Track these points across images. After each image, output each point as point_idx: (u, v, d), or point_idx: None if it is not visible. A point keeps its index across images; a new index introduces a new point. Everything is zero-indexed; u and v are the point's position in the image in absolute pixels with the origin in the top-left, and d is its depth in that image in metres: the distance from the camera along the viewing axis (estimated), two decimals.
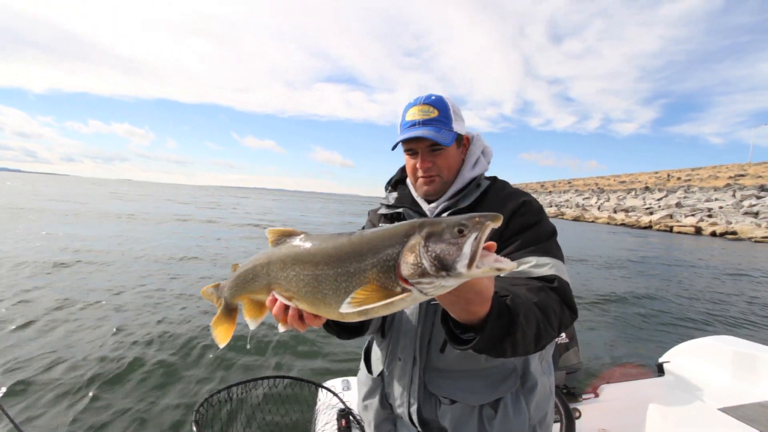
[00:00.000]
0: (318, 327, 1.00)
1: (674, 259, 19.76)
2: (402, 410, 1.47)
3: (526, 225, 1.31)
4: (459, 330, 0.98)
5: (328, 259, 0.88)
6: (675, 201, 60.03)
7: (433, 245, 0.78)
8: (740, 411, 2.53)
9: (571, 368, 2.68)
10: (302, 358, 5.46)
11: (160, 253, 12.18)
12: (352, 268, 0.85)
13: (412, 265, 0.78)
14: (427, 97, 1.43)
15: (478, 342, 0.93)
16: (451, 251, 0.76)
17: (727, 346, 3.00)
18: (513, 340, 0.97)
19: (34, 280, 8.30)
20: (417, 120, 1.40)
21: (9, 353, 4.97)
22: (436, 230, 0.80)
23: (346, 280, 0.85)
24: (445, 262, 0.76)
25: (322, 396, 2.51)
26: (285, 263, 0.96)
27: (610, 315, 8.57)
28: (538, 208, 1.37)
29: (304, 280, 0.91)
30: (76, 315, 6.48)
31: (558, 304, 1.12)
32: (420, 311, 1.42)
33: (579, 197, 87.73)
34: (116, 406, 3.97)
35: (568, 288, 1.20)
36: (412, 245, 0.80)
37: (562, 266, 1.26)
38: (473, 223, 0.78)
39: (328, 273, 0.87)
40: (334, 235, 0.94)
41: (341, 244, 0.89)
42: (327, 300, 0.88)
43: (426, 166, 1.44)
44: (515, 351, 1.00)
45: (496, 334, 0.94)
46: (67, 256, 10.75)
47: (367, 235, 0.88)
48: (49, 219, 19.19)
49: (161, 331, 5.97)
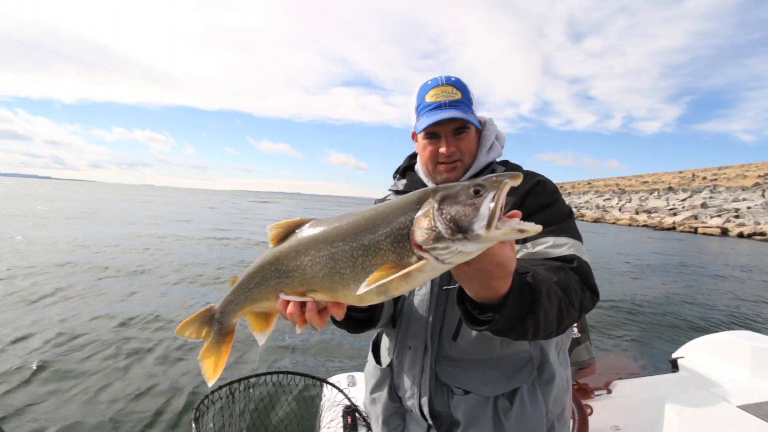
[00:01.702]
0: (340, 318, 0.94)
1: (694, 258, 19.33)
2: (412, 402, 1.41)
3: (541, 205, 1.27)
4: (476, 310, 0.92)
5: (343, 235, 0.85)
6: (700, 201, 58.53)
7: (448, 207, 0.74)
8: (761, 409, 2.42)
9: (582, 364, 2.61)
10: (306, 353, 5.45)
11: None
12: (366, 241, 0.81)
13: (426, 229, 0.74)
14: (447, 78, 1.38)
15: (498, 321, 0.87)
16: (467, 212, 0.72)
17: (745, 342, 2.89)
18: (535, 319, 0.90)
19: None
20: (443, 101, 1.35)
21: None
22: (450, 193, 0.76)
23: (362, 255, 0.81)
24: (461, 224, 0.71)
25: (327, 392, 2.46)
26: (298, 251, 0.91)
27: (622, 310, 8.43)
28: (552, 188, 1.33)
29: (321, 262, 0.87)
30: (77, 310, 6.63)
31: (578, 284, 1.07)
32: (431, 297, 1.36)
33: (599, 198, 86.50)
34: (116, 404, 4.01)
35: (589, 268, 1.15)
36: (426, 210, 0.76)
37: (581, 246, 1.20)
38: (490, 183, 0.73)
39: (344, 249, 0.84)
40: (346, 213, 0.90)
41: (354, 219, 0.86)
42: (345, 280, 0.84)
43: (451, 150, 1.38)
44: (537, 332, 0.94)
45: (517, 312, 0.88)
46: (73, 256, 11.00)
47: (380, 207, 0.85)
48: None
49: (160, 326, 6.05)
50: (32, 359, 4.84)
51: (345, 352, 5.50)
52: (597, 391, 2.75)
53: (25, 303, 6.86)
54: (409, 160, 1.63)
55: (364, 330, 1.37)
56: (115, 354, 5.16)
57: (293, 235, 0.95)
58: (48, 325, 5.92)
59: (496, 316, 0.87)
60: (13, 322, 5.96)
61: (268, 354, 5.34)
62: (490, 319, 0.89)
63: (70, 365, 4.80)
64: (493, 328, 0.89)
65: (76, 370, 4.68)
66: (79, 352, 5.17)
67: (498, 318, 0.87)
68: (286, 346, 5.56)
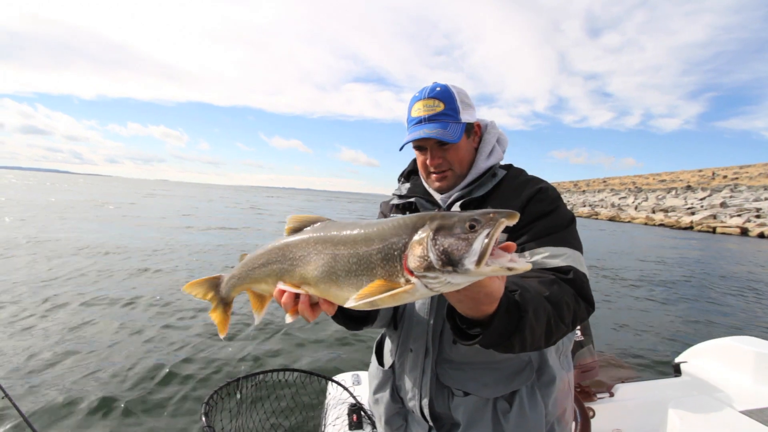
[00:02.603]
0: (330, 315, 0.99)
1: (706, 259, 18.81)
2: (413, 403, 1.43)
3: (541, 213, 1.27)
4: (465, 325, 0.96)
5: (345, 241, 0.90)
6: (719, 200, 56.49)
7: (442, 239, 0.76)
8: (764, 414, 2.41)
9: (585, 367, 2.63)
10: (312, 351, 5.48)
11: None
12: (361, 251, 0.86)
13: (419, 257, 0.77)
14: (431, 89, 1.38)
15: (484, 338, 0.91)
16: (460, 246, 0.74)
17: (748, 347, 2.86)
18: (521, 336, 0.94)
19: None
20: (422, 117, 1.36)
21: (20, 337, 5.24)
22: (446, 224, 0.78)
23: (356, 263, 0.86)
24: (453, 258, 0.74)
25: (332, 390, 2.51)
26: (308, 243, 0.97)
27: (625, 313, 8.32)
28: (554, 195, 1.32)
29: (323, 259, 0.93)
30: (89, 306, 6.78)
31: (572, 297, 1.08)
32: (432, 301, 1.38)
33: (615, 197, 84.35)
34: (125, 398, 4.09)
35: (585, 279, 1.15)
36: (420, 238, 0.79)
37: (580, 257, 1.21)
38: (486, 219, 0.76)
39: (344, 253, 0.89)
40: (353, 221, 0.96)
41: (356, 228, 0.91)
42: (339, 282, 0.89)
43: (436, 162, 1.41)
44: (524, 347, 0.97)
45: (503, 330, 0.92)
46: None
47: (380, 222, 0.90)
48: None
49: (171, 323, 6.16)
50: (41, 343, 5.01)
51: (351, 351, 5.53)
52: (599, 394, 2.76)
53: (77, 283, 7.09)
54: (413, 164, 1.64)
55: (361, 327, 1.40)
56: (126, 345, 5.29)
57: (307, 229, 1.02)
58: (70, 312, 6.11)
59: (484, 333, 0.91)
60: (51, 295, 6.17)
61: (275, 351, 5.40)
62: (478, 334, 0.92)
63: (79, 352, 4.95)
64: (480, 342, 0.93)
65: (85, 358, 4.82)
66: (89, 339, 5.32)
67: (485, 335, 0.91)
68: (293, 344, 5.61)
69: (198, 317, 6.46)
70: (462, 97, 1.40)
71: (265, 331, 5.91)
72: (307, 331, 6.02)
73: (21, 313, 6.27)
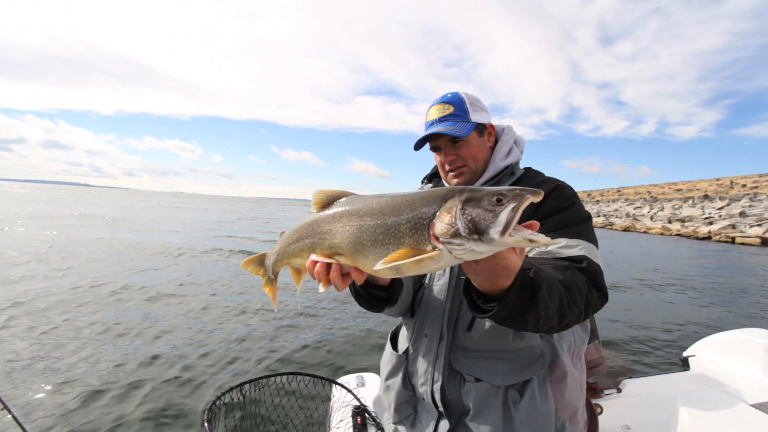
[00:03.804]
0: (360, 282, 1.03)
1: (720, 264, 18.70)
2: (425, 389, 1.46)
3: (558, 208, 1.32)
4: (480, 300, 0.99)
5: (372, 212, 0.95)
6: (738, 210, 54.35)
7: (470, 209, 0.81)
8: None
9: (592, 363, 2.60)
10: (316, 354, 5.49)
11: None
12: (389, 221, 0.90)
13: (447, 224, 0.81)
14: (443, 96, 1.52)
15: (499, 311, 0.94)
16: (487, 217, 0.78)
17: (757, 339, 2.83)
18: (535, 312, 0.97)
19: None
20: (435, 119, 1.50)
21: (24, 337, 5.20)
22: (475, 196, 0.83)
23: (383, 232, 0.91)
24: (479, 226, 0.78)
25: (336, 392, 2.49)
26: (334, 217, 1.03)
27: (632, 309, 8.33)
28: (571, 193, 1.38)
29: (349, 230, 0.97)
30: (90, 308, 6.75)
31: (585, 284, 1.11)
32: (449, 288, 1.43)
33: (629, 206, 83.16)
34: (128, 403, 4.07)
35: (599, 270, 1.19)
36: (449, 206, 0.83)
37: (594, 249, 1.24)
38: (513, 194, 0.80)
39: (370, 224, 0.93)
40: (377, 194, 1.01)
41: (384, 200, 0.96)
42: (365, 251, 0.94)
43: (450, 158, 1.51)
44: (537, 324, 1.00)
45: (517, 304, 0.95)
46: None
47: (408, 194, 0.94)
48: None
49: (174, 328, 6.14)
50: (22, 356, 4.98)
51: (354, 353, 5.54)
52: (607, 390, 2.73)
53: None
54: (436, 168, 1.73)
55: (382, 308, 1.44)
56: (130, 352, 5.26)
57: (334, 204, 1.08)
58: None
59: (498, 307, 0.94)
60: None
61: (278, 355, 5.39)
62: (493, 308, 0.95)
63: (80, 358, 4.90)
64: (495, 317, 0.96)
65: (93, 366, 4.77)
66: (96, 345, 5.27)
67: (499, 308, 0.94)
68: (296, 348, 5.61)
69: (200, 322, 6.44)
70: (472, 101, 1.51)
71: (268, 335, 5.92)
72: (311, 335, 6.02)
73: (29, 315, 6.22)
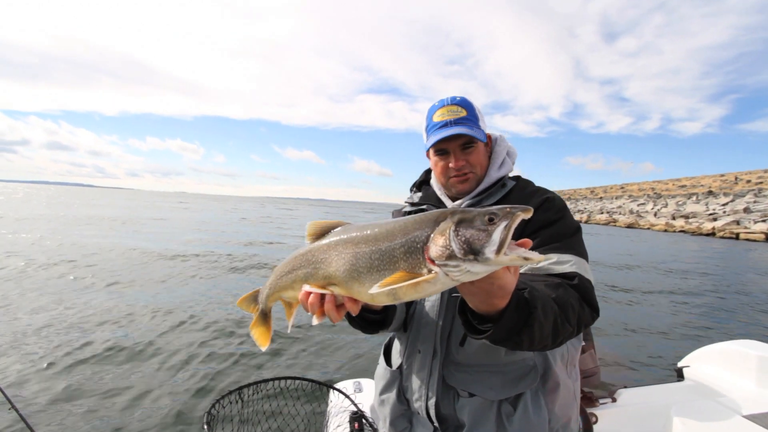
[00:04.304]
0: (355, 313, 1.03)
1: (718, 263, 18.68)
2: (419, 404, 1.46)
3: (548, 221, 1.33)
4: (476, 320, 1.00)
5: (366, 239, 0.96)
6: (743, 206, 54.49)
7: (464, 230, 0.82)
8: (767, 419, 2.41)
9: (587, 372, 2.62)
10: (314, 359, 5.48)
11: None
12: (383, 246, 0.91)
13: (441, 247, 0.82)
14: (452, 99, 1.48)
15: (494, 332, 0.95)
16: (481, 237, 0.79)
17: (751, 351, 2.86)
18: (530, 332, 0.98)
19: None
20: (448, 120, 1.44)
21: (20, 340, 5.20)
22: (467, 217, 0.84)
23: (378, 258, 0.91)
24: (474, 247, 0.79)
25: (334, 398, 2.50)
26: (329, 246, 1.03)
27: (628, 318, 8.33)
28: (561, 204, 1.39)
29: (345, 258, 0.98)
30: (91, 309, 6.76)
31: (577, 300, 1.12)
32: (441, 303, 1.43)
33: (633, 203, 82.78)
34: (127, 406, 4.06)
35: (590, 286, 1.19)
36: (442, 229, 0.85)
37: (585, 264, 1.25)
38: (504, 213, 0.82)
39: (365, 251, 0.94)
40: (375, 222, 1.01)
41: (378, 227, 0.97)
42: (361, 278, 0.94)
43: (460, 164, 1.47)
44: (532, 344, 1.01)
45: (512, 325, 0.95)
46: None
47: (401, 220, 0.96)
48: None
49: (175, 331, 6.14)
50: (45, 350, 4.94)
51: (352, 358, 5.54)
52: (602, 400, 2.74)
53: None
54: (425, 175, 1.71)
55: (377, 331, 1.46)
56: (130, 355, 5.25)
57: (329, 234, 1.08)
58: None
59: (494, 328, 0.95)
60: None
61: (276, 360, 5.39)
62: (489, 329, 0.96)
63: (83, 362, 4.90)
64: (491, 337, 0.97)
65: (88, 368, 4.77)
66: (91, 348, 5.25)
67: (495, 329, 0.95)
68: (294, 353, 5.61)
69: (201, 327, 6.43)
70: (478, 109, 1.51)
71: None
72: (308, 339, 6.02)
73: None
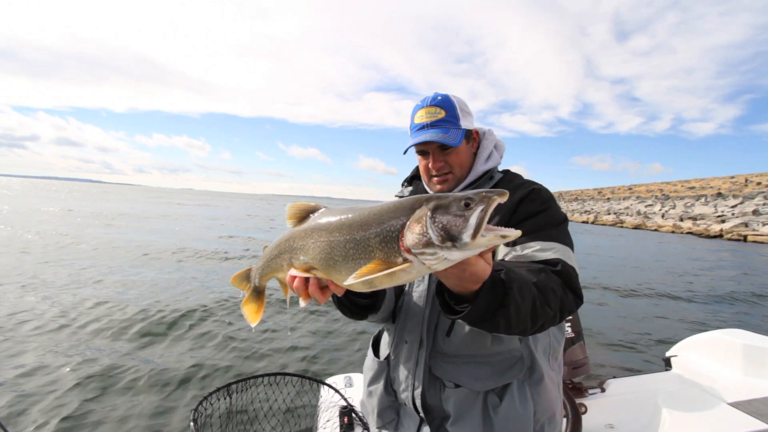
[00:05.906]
0: (339, 295, 1.04)
1: (713, 262, 18.86)
2: (406, 395, 1.47)
3: (533, 212, 1.32)
4: (453, 301, 1.00)
5: (340, 228, 0.95)
6: (752, 208, 53.32)
7: (440, 216, 0.81)
8: (751, 406, 2.46)
9: (577, 363, 2.65)
10: (304, 354, 5.47)
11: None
12: (358, 236, 0.90)
13: (418, 234, 0.81)
14: (433, 98, 1.47)
15: (471, 312, 0.95)
16: (458, 222, 0.79)
17: (736, 340, 2.92)
18: (506, 312, 0.97)
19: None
20: (425, 123, 1.45)
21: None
22: (443, 203, 0.83)
23: (353, 247, 0.90)
24: (452, 233, 0.78)
25: (324, 393, 2.49)
26: (306, 233, 1.03)
27: (616, 309, 8.48)
28: (547, 196, 1.38)
29: (320, 246, 0.97)
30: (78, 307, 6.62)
31: (560, 286, 1.11)
32: (428, 294, 1.44)
33: (641, 204, 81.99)
34: (114, 403, 4.00)
35: (574, 273, 1.19)
36: (419, 216, 0.83)
37: (569, 252, 1.25)
38: (480, 197, 0.81)
39: (339, 240, 0.93)
40: (349, 207, 1.00)
41: (352, 215, 0.96)
42: (337, 266, 0.93)
43: (438, 165, 1.49)
44: (509, 325, 1.01)
45: (488, 305, 0.95)
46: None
47: (375, 207, 0.94)
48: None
49: (159, 328, 6.05)
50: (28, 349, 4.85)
51: (342, 353, 5.53)
52: (591, 390, 2.78)
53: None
54: (416, 170, 1.72)
55: (365, 316, 1.45)
56: (115, 354, 5.16)
57: (307, 219, 1.08)
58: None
59: (470, 307, 0.95)
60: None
61: (266, 355, 5.36)
62: (465, 309, 0.97)
63: (69, 361, 4.79)
64: (466, 317, 0.98)
65: (68, 369, 4.67)
66: (79, 345, 5.15)
67: (471, 309, 0.95)
68: (283, 348, 5.58)
69: (188, 322, 6.36)
70: (461, 106, 1.49)
71: (256, 336, 5.85)
72: (297, 334, 5.99)
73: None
